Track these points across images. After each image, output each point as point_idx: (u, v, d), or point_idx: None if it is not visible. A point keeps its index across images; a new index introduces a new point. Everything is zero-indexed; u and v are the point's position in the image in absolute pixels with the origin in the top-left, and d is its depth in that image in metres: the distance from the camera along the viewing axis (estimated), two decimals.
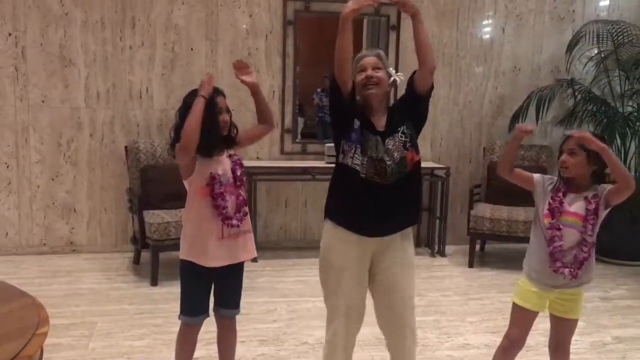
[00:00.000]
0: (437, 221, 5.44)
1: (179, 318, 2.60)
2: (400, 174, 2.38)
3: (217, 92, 2.49)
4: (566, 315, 2.52)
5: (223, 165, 2.52)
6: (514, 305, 2.58)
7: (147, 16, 4.99)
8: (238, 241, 2.54)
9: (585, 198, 2.42)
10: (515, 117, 5.51)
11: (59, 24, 4.87)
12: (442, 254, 5.38)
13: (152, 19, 5.01)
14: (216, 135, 2.48)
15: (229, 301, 2.65)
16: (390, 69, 2.50)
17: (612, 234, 5.08)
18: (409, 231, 2.55)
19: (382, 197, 2.38)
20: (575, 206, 2.43)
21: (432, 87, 2.48)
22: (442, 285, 4.59)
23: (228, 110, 2.54)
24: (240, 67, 2.60)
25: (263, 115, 2.69)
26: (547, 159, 5.42)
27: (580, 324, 3.78)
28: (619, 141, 5.38)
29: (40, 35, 4.85)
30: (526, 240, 2.66)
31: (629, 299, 4.39)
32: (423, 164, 5.23)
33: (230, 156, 2.57)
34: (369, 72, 2.44)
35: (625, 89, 5.46)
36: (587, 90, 5.51)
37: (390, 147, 2.39)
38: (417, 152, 2.46)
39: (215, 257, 2.49)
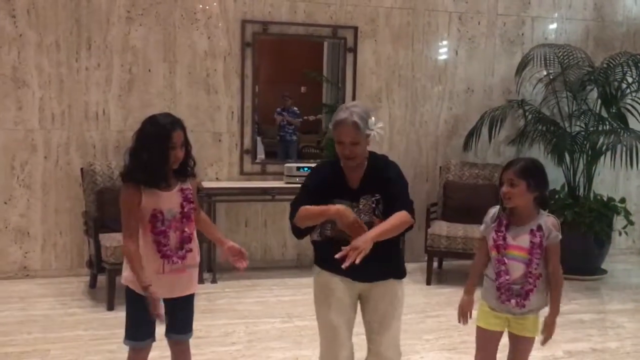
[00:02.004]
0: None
1: (124, 342, 2.57)
2: None
3: (174, 125, 2.42)
4: (524, 334, 2.57)
5: (171, 200, 2.47)
6: (478, 328, 2.63)
7: (103, 38, 4.96)
8: (181, 276, 2.51)
9: (531, 231, 2.46)
10: (470, 137, 5.66)
11: (13, 45, 4.80)
12: None
13: (109, 41, 4.98)
14: (161, 170, 2.44)
15: (179, 327, 2.62)
16: (370, 121, 2.43)
17: (563, 250, 5.24)
18: (397, 282, 2.59)
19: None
20: (520, 239, 2.46)
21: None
22: None
23: (184, 145, 2.46)
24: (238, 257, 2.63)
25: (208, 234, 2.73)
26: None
27: None
28: (568, 159, 5.57)
29: None
30: None
31: (580, 314, 4.52)
32: None
33: (182, 190, 2.51)
34: (347, 150, 2.42)
35: (573, 109, 5.68)
36: (537, 110, 5.71)
37: (361, 206, 2.44)
38: None
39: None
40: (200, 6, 5.15)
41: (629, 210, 5.61)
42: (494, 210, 2.57)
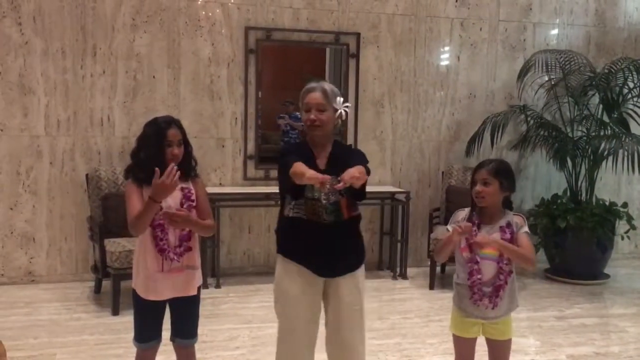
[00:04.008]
0: (399, 244, 5.53)
1: (133, 343, 2.64)
2: (336, 217, 2.48)
3: (169, 124, 2.50)
4: (499, 337, 2.59)
5: (171, 197, 2.49)
6: (453, 336, 2.65)
7: (108, 45, 5.01)
8: (179, 276, 2.54)
9: (501, 228, 2.50)
10: (472, 142, 5.69)
11: (19, 52, 4.85)
12: (403, 276, 5.47)
13: (114, 48, 5.03)
14: (159, 168, 2.44)
15: (183, 331, 2.66)
16: (338, 98, 2.54)
17: (565, 254, 5.26)
18: (359, 272, 2.62)
19: (322, 237, 2.46)
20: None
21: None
22: (403, 307, 4.67)
23: (181, 144, 2.52)
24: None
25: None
26: None
27: (535, 343, 3.92)
28: (570, 164, 5.60)
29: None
30: None
31: (583, 318, 4.53)
32: (384, 188, 5.32)
33: (182, 189, 2.55)
34: (313, 114, 2.50)
35: (575, 114, 5.70)
36: (538, 115, 5.73)
37: (328, 186, 2.42)
38: (355, 206, 2.55)
39: (153, 291, 2.52)
40: (204, 13, 5.19)
41: (631, 214, 5.63)
42: (463, 213, 2.60)
